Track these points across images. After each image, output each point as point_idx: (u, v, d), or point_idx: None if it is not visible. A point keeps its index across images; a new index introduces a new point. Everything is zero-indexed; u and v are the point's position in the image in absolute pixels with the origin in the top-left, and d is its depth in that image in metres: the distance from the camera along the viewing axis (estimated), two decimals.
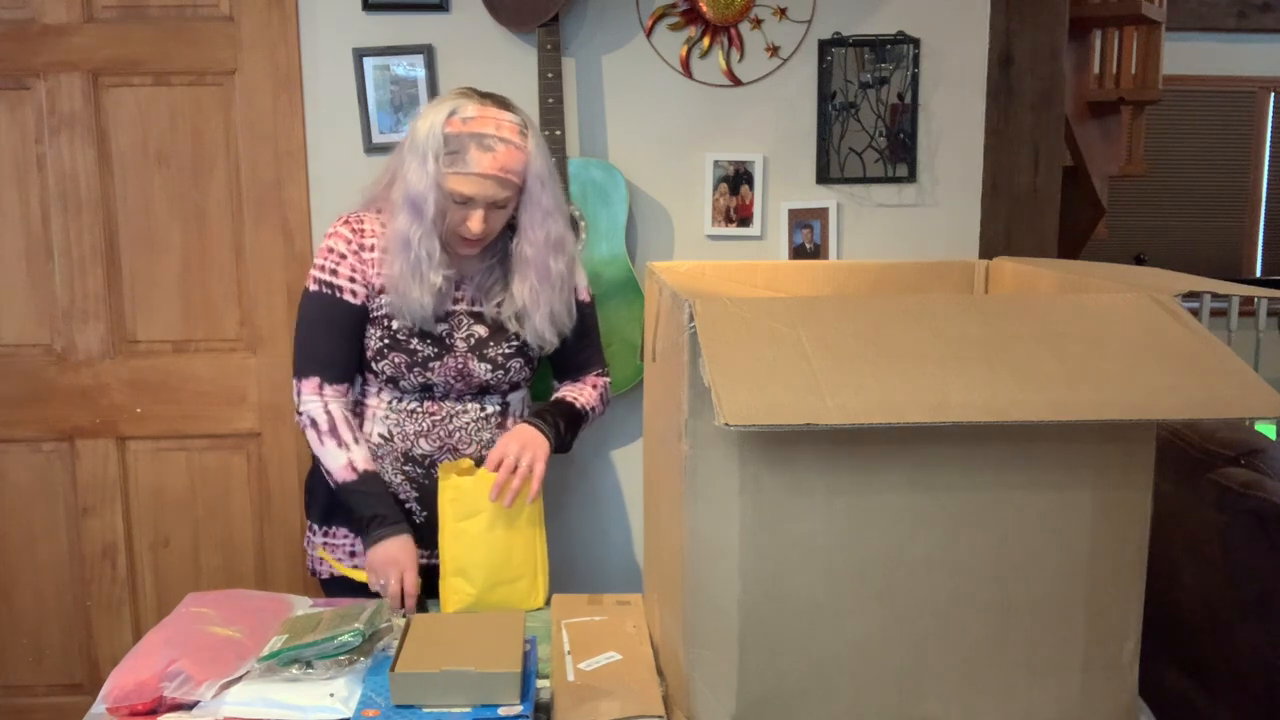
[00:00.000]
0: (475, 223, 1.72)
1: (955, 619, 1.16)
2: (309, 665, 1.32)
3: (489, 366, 1.81)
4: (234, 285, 2.55)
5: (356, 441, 1.77)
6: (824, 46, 2.47)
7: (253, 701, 1.28)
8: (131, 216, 2.52)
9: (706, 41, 2.47)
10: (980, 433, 1.12)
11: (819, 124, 2.50)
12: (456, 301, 1.82)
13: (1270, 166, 6.62)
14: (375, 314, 1.80)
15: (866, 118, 2.50)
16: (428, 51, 2.43)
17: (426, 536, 1.83)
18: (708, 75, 2.49)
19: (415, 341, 1.78)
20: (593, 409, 1.94)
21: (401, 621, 1.44)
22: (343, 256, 1.79)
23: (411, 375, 1.78)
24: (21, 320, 2.55)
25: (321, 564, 1.91)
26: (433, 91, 2.45)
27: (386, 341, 1.78)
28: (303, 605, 1.60)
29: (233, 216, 2.52)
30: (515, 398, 1.90)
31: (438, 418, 1.81)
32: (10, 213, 2.52)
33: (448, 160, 1.70)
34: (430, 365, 1.78)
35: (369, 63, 2.44)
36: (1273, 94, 6.55)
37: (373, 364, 1.80)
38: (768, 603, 1.14)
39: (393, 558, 1.70)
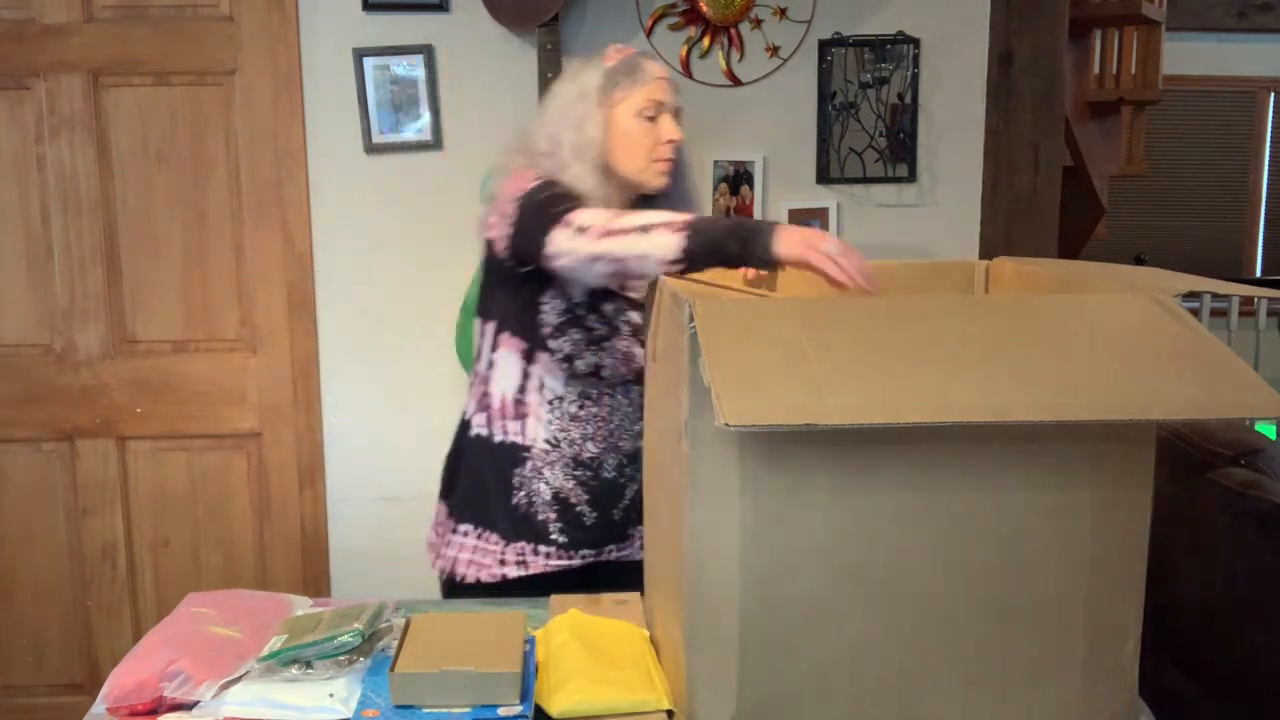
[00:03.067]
0: (670, 127, 1.72)
1: (955, 619, 1.16)
2: (309, 665, 1.32)
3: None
4: (234, 285, 2.55)
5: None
6: (824, 46, 2.47)
7: (252, 701, 1.28)
8: (131, 216, 2.52)
9: (706, 41, 2.47)
10: (980, 433, 1.12)
11: (819, 124, 2.50)
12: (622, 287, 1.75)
13: (1270, 166, 6.61)
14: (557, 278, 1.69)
15: (866, 118, 2.50)
16: (428, 51, 2.43)
17: (599, 536, 1.77)
18: (708, 75, 2.49)
19: (592, 318, 1.72)
20: None
21: (401, 621, 1.44)
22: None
23: (587, 354, 1.71)
24: (21, 320, 2.55)
25: (470, 568, 1.78)
26: (432, 91, 2.45)
27: (566, 317, 1.70)
28: (303, 605, 1.59)
29: (233, 216, 2.53)
30: None
31: (600, 417, 1.75)
32: (10, 213, 2.52)
33: (625, 85, 1.71)
34: (604, 344, 1.72)
35: (369, 63, 2.44)
36: (1273, 94, 6.55)
37: (549, 341, 1.71)
38: (768, 603, 1.14)
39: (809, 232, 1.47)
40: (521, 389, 1.75)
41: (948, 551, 1.15)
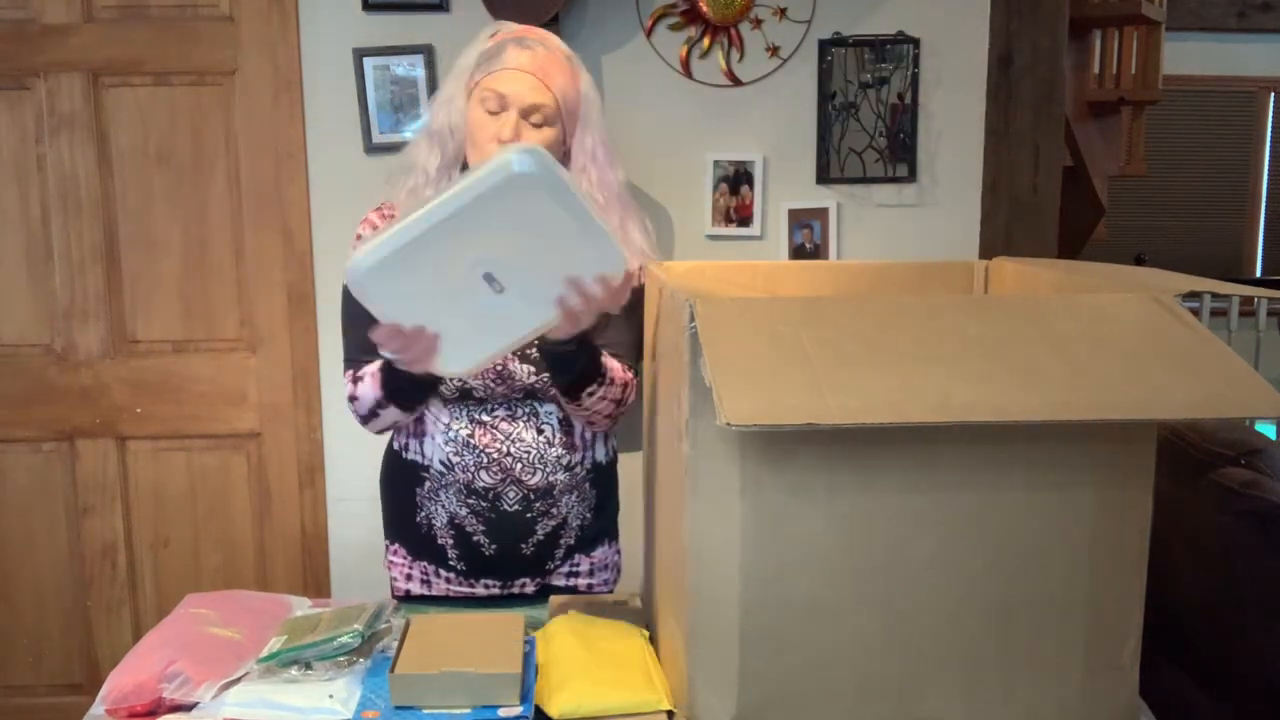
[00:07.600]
0: (506, 129, 1.54)
1: (956, 619, 1.16)
2: (308, 666, 1.32)
3: (531, 369, 1.64)
4: (234, 285, 2.55)
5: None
6: (824, 46, 2.47)
7: (252, 703, 1.28)
8: (131, 216, 2.52)
9: (706, 41, 2.47)
10: (981, 433, 1.12)
11: (819, 124, 2.50)
12: None
13: (1270, 166, 6.63)
14: None
15: (866, 118, 2.50)
16: (428, 51, 2.43)
17: (499, 567, 1.73)
18: (708, 75, 2.49)
19: None
20: (614, 380, 1.63)
21: (401, 622, 1.44)
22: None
23: (449, 379, 1.63)
24: (21, 320, 2.55)
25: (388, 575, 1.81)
26: (433, 91, 2.45)
27: None
28: (302, 606, 1.59)
29: (233, 216, 2.53)
30: None
31: (493, 447, 1.67)
32: (10, 213, 2.52)
33: (484, 69, 1.58)
34: None
35: (369, 63, 2.44)
36: (1273, 94, 6.55)
37: None
38: (768, 603, 1.14)
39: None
40: (421, 414, 1.71)
41: (948, 551, 1.15)
